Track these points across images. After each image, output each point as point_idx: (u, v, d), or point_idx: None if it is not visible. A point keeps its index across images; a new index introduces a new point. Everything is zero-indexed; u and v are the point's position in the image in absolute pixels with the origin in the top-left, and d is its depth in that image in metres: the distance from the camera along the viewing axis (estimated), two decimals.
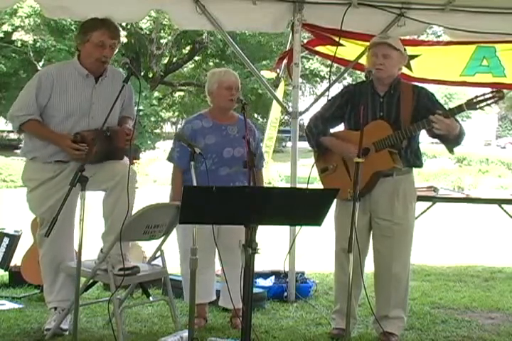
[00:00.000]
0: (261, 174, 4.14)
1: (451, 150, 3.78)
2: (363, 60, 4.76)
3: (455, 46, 5.02)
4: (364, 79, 3.72)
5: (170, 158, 4.03)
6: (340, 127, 3.98)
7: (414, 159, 3.79)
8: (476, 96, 3.47)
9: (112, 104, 3.36)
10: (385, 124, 3.70)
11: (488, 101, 3.44)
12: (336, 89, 4.69)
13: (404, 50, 3.83)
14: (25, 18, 19.55)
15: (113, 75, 3.80)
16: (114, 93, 3.55)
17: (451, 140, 3.64)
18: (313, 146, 3.94)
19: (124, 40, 21.34)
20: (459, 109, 3.51)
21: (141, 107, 19.98)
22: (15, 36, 20.41)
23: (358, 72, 24.43)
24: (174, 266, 4.16)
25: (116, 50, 3.73)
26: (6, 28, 20.26)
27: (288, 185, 4.71)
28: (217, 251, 3.85)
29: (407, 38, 5.25)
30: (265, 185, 4.19)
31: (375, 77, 3.71)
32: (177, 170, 3.97)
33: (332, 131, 3.96)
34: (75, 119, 3.67)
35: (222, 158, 3.89)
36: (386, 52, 3.69)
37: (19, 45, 20.81)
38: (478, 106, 3.48)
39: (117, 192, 3.59)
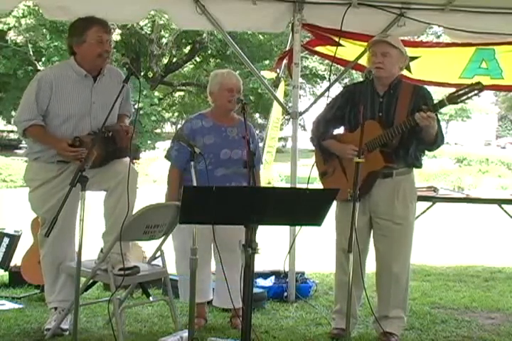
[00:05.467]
0: (258, 176, 4.14)
1: (422, 151, 3.84)
2: (363, 61, 4.78)
3: (454, 48, 5.03)
4: (363, 79, 3.73)
5: (168, 157, 4.03)
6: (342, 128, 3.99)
7: (413, 160, 3.79)
8: (457, 90, 3.48)
9: (111, 102, 3.39)
10: (375, 124, 3.69)
11: (469, 95, 3.45)
12: (336, 88, 4.70)
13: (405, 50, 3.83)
14: (21, 18, 19.52)
15: (110, 73, 3.81)
16: (113, 91, 3.59)
17: (428, 141, 3.64)
18: (316, 148, 3.96)
19: (122, 39, 21.44)
20: (441, 103, 3.52)
21: (141, 105, 19.99)
22: (8, 36, 20.40)
23: (356, 74, 24.35)
24: (174, 266, 4.16)
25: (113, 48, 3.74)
26: (1, 26, 20.23)
27: (288, 185, 4.70)
28: (214, 250, 3.86)
29: (407, 38, 5.25)
30: (265, 185, 4.19)
31: (375, 76, 3.72)
32: (173, 169, 3.98)
33: (336, 131, 3.97)
34: (76, 120, 3.68)
35: (218, 159, 3.90)
36: (385, 50, 3.69)
37: (13, 45, 20.81)
38: (459, 100, 3.49)
39: (119, 192, 3.59)
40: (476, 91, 3.44)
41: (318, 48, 5.03)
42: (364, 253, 3.79)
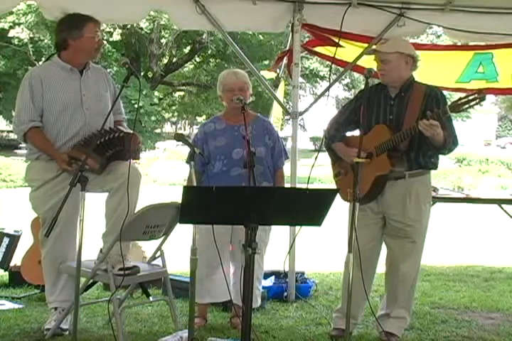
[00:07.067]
0: (281, 173, 4.14)
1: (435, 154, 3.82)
2: (362, 62, 4.78)
3: (453, 52, 5.05)
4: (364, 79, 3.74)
5: (188, 161, 4.03)
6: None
7: (427, 161, 3.76)
8: (460, 99, 3.48)
9: (101, 92, 3.72)
10: (385, 128, 3.71)
11: (471, 103, 3.45)
12: (336, 88, 4.70)
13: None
14: (22, 15, 19.55)
15: (94, 69, 3.90)
16: (100, 83, 3.82)
17: (436, 146, 3.64)
18: (327, 151, 3.99)
19: (122, 39, 21.46)
20: (444, 112, 3.51)
21: (141, 104, 19.94)
22: (11, 33, 20.43)
23: (356, 74, 24.34)
24: (174, 266, 4.17)
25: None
26: (1, 25, 20.26)
27: (288, 185, 4.70)
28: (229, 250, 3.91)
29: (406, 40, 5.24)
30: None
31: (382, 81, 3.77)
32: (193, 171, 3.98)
33: (351, 134, 3.98)
34: (70, 113, 3.72)
35: (231, 159, 3.91)
36: (382, 57, 3.72)
37: (16, 42, 20.84)
38: (461, 109, 3.49)
39: (121, 193, 3.58)
40: (477, 100, 3.44)
41: (318, 49, 5.03)
42: (374, 252, 3.83)
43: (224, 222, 3.14)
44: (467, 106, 3.46)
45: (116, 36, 21.31)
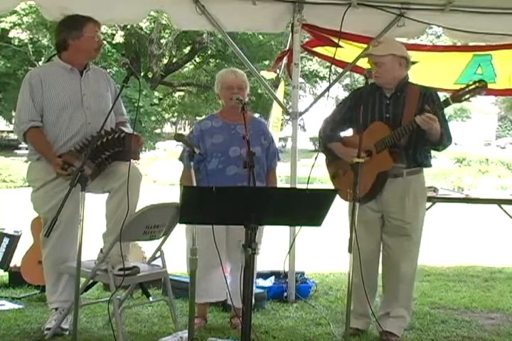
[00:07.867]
0: (274, 173, 4.13)
1: (429, 151, 3.84)
2: (361, 63, 4.79)
3: (452, 53, 5.04)
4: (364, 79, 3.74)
5: (180, 158, 4.05)
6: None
7: (423, 159, 3.79)
8: (460, 89, 3.51)
9: (101, 92, 3.74)
10: (383, 125, 3.72)
11: (472, 93, 3.47)
12: (336, 88, 4.71)
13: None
14: (24, 16, 19.56)
15: (94, 70, 3.92)
16: (100, 84, 3.83)
17: (433, 140, 3.65)
18: (323, 151, 3.98)
19: (123, 40, 21.46)
20: (446, 103, 3.54)
21: (141, 104, 19.92)
22: (12, 34, 20.44)
23: (356, 74, 24.42)
24: (174, 266, 4.17)
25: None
26: (3, 25, 20.28)
27: (288, 185, 4.71)
28: (225, 249, 3.89)
29: (405, 41, 5.25)
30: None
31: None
32: (186, 169, 3.98)
33: (344, 134, 3.99)
34: (70, 111, 3.72)
35: (228, 157, 3.90)
36: (375, 60, 3.75)
37: (16, 43, 20.86)
38: (463, 99, 3.51)
39: (122, 193, 3.58)
40: (478, 89, 3.46)
41: (318, 49, 5.03)
42: (377, 252, 3.85)
43: (224, 222, 3.14)
44: (468, 96, 3.48)
45: (119, 38, 21.30)
